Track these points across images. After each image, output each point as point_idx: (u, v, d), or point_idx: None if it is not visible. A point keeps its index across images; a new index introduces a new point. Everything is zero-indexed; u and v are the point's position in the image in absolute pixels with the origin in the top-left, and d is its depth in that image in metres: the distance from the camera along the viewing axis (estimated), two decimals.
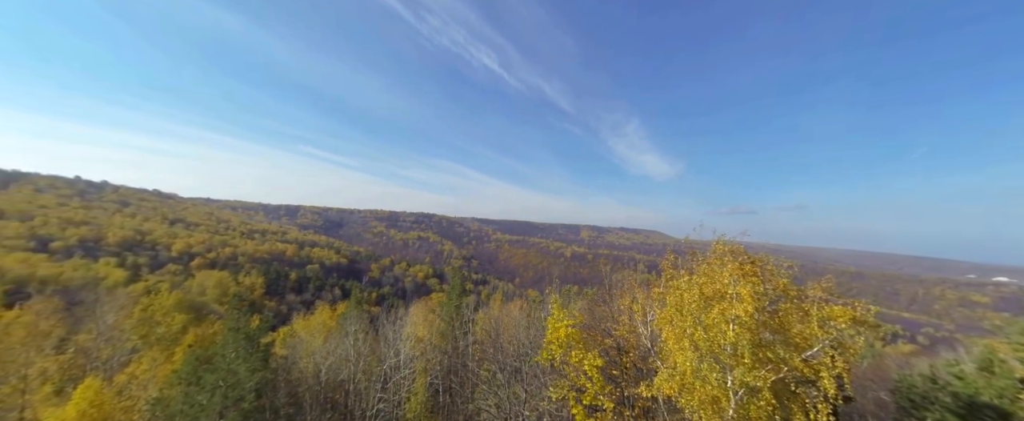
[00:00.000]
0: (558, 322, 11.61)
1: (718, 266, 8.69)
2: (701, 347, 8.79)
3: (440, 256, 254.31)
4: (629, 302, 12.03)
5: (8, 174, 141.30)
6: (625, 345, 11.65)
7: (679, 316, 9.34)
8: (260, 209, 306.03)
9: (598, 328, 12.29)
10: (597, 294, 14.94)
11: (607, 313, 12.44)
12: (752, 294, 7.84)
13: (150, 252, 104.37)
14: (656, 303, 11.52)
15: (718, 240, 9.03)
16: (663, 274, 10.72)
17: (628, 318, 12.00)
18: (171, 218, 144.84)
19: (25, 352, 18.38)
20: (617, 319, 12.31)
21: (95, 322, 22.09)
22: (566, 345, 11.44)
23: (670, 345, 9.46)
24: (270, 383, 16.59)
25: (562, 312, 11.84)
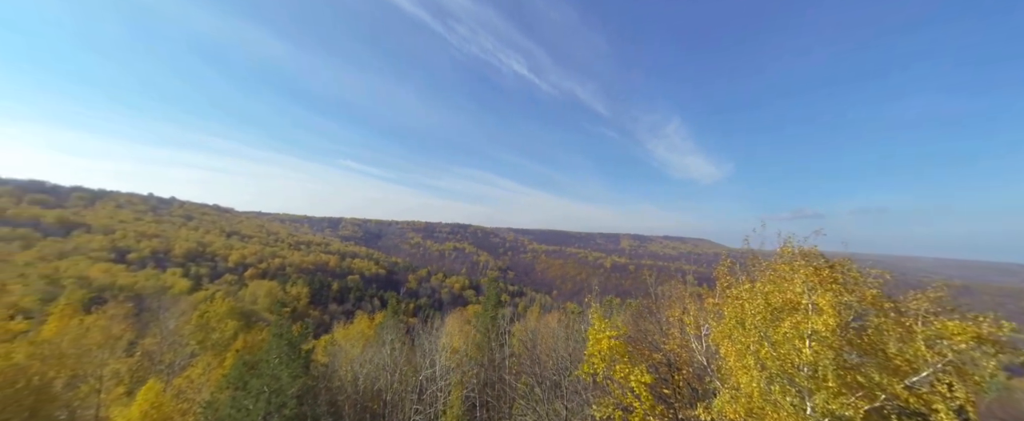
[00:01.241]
0: (600, 333, 10.92)
1: (787, 272, 7.67)
2: (769, 366, 7.77)
3: (476, 267, 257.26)
4: (679, 314, 11.07)
5: (95, 193, 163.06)
6: (676, 361, 10.68)
7: (740, 330, 8.37)
8: (305, 221, 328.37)
9: (645, 341, 11.40)
10: (642, 305, 14.00)
11: (654, 326, 11.53)
12: (833, 305, 6.78)
13: (210, 263, 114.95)
14: (711, 315, 10.50)
15: (786, 243, 8.00)
16: (718, 283, 9.75)
17: (679, 331, 11.03)
18: (228, 231, 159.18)
19: (100, 354, 20.45)
20: (666, 332, 11.37)
21: (159, 327, 24.26)
22: (609, 358, 10.70)
23: (731, 363, 8.48)
24: (311, 390, 17.19)
25: (604, 323, 11.14)
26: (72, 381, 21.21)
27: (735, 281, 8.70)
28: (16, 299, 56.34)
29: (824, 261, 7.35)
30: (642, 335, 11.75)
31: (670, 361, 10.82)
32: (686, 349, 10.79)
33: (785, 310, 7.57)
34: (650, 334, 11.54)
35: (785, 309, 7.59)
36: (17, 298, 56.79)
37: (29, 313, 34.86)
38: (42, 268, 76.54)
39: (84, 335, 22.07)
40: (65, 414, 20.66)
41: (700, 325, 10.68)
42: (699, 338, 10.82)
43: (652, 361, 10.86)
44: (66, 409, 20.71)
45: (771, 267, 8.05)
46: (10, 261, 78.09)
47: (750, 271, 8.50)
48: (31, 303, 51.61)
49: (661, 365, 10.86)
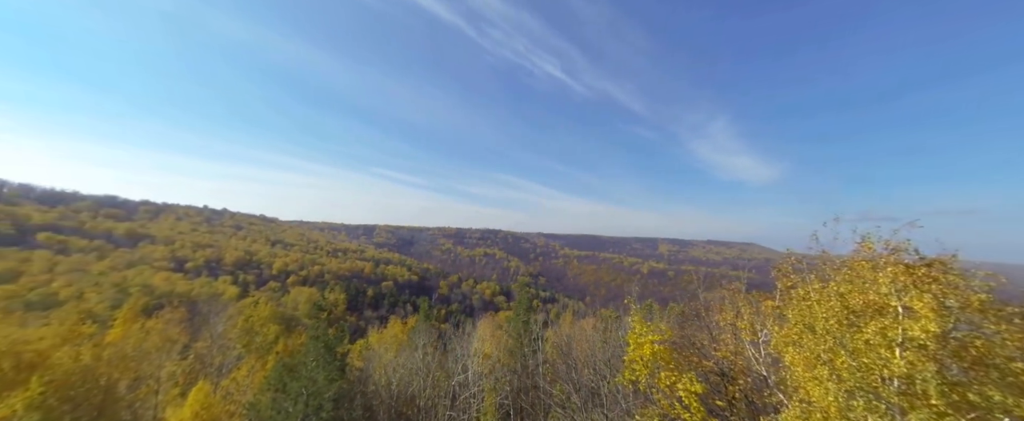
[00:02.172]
0: (641, 337, 10.21)
1: (868, 271, 6.68)
2: (847, 378, 6.78)
3: (507, 273, 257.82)
4: (732, 317, 10.10)
5: (159, 206, 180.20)
6: (731, 370, 9.72)
7: (810, 335, 7.41)
8: (342, 229, 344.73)
9: (692, 348, 10.51)
10: (687, 309, 13.02)
11: (703, 331, 10.60)
12: (934, 309, 5.76)
13: (256, 271, 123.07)
14: (770, 319, 9.47)
15: (864, 239, 6.98)
16: (778, 283, 8.77)
17: (732, 337, 10.05)
18: (273, 240, 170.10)
19: (158, 357, 22.04)
20: (717, 338, 10.41)
21: (209, 331, 25.88)
22: (652, 365, 9.96)
23: (798, 373, 7.54)
24: (347, 393, 17.55)
25: (645, 326, 10.40)
26: (134, 382, 23.08)
27: (801, 280, 7.74)
28: (91, 306, 63.04)
29: (918, 257, 6.30)
30: (689, 341, 10.85)
31: (723, 370, 9.88)
32: (741, 357, 9.80)
33: (867, 313, 6.58)
34: (698, 340, 10.62)
35: (867, 312, 6.60)
36: (92, 305, 63.57)
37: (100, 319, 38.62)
38: (113, 277, 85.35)
39: (144, 339, 24.01)
40: (128, 414, 22.46)
41: (757, 330, 9.67)
42: (756, 345, 9.80)
43: (702, 369, 9.97)
44: (129, 409, 22.50)
45: (848, 265, 7.06)
46: (87, 271, 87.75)
47: (820, 270, 7.52)
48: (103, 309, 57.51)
49: (712, 374, 9.93)
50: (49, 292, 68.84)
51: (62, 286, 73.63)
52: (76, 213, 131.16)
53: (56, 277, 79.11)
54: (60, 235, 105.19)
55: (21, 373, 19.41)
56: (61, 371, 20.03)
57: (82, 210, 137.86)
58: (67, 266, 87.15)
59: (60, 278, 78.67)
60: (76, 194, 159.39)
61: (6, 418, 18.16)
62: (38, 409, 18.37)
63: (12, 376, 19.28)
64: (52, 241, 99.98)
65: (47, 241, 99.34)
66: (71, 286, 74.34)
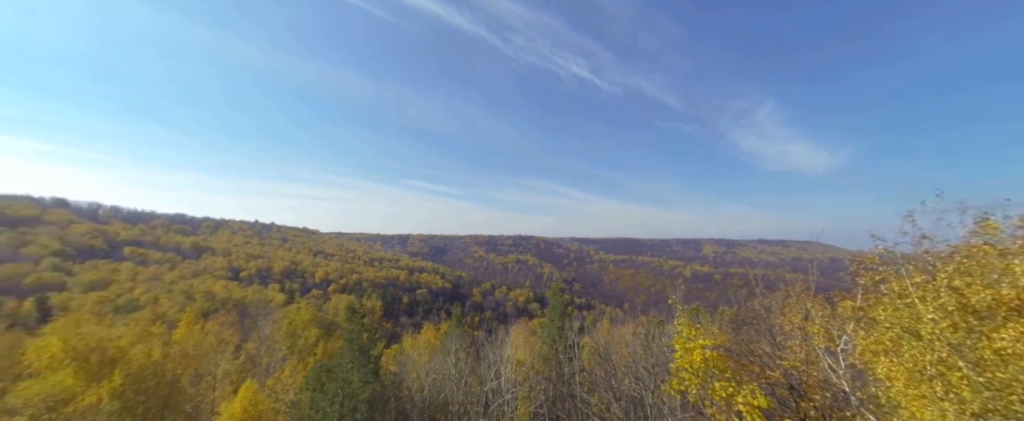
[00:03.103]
0: (690, 342, 9.08)
1: (995, 257, 5.34)
2: (971, 398, 5.41)
3: (540, 279, 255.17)
4: (799, 320, 8.71)
5: (217, 222, 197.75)
6: (802, 383, 8.33)
7: (912, 342, 6.08)
8: (378, 239, 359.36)
9: (752, 355, 9.19)
10: (744, 311, 11.60)
11: (764, 336, 9.25)
12: None
13: (301, 279, 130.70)
14: (851, 322, 8.05)
15: (984, 219, 5.62)
16: (859, 279, 7.42)
17: (801, 343, 8.66)
18: (315, 251, 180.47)
19: (215, 356, 23.38)
20: (781, 344, 9.03)
21: (258, 333, 27.24)
22: (704, 373, 8.80)
23: (898, 388, 6.19)
24: (381, 396, 17.56)
25: (694, 329, 9.27)
26: (195, 378, 24.75)
27: (893, 273, 6.41)
28: (164, 310, 69.59)
29: None
30: (747, 348, 9.53)
31: (792, 383, 8.50)
32: (815, 368, 8.39)
33: (997, 314, 5.23)
34: (759, 346, 9.28)
35: (996, 312, 5.25)
36: (164, 309, 70.18)
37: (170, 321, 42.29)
38: (182, 285, 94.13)
39: (203, 339, 25.78)
40: (190, 407, 24.03)
41: (834, 336, 8.24)
42: (834, 354, 8.35)
43: (766, 380, 8.64)
44: (191, 403, 24.10)
45: (963, 253, 5.71)
46: (161, 279, 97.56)
47: (920, 261, 6.18)
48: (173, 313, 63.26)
49: (779, 387, 8.58)
50: (132, 298, 77.00)
51: (142, 292, 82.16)
52: (153, 229, 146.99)
53: (137, 285, 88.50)
54: (141, 249, 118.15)
55: (105, 367, 21.39)
56: (136, 366, 21.90)
57: (157, 227, 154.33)
58: (146, 275, 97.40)
59: (140, 285, 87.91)
60: (153, 213, 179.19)
61: (93, 405, 20.06)
62: (119, 399, 20.09)
63: (98, 369, 21.29)
64: (135, 254, 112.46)
65: (131, 254, 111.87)
66: (149, 292, 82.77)
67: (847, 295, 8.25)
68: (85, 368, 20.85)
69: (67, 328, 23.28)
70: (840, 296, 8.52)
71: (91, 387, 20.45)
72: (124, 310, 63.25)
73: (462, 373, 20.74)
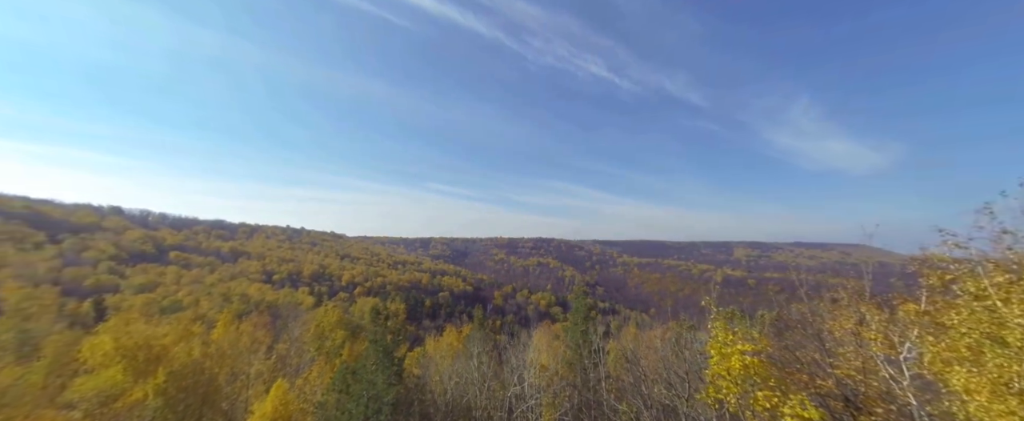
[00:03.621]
0: (727, 347, 8.51)
1: None
2: None
3: (561, 283, 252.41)
4: (853, 325, 7.95)
5: (252, 227, 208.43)
6: (859, 395, 7.58)
7: (995, 350, 5.38)
8: (401, 242, 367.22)
9: (799, 362, 8.49)
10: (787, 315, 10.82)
11: (812, 342, 8.51)
12: None
13: (328, 282, 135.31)
14: (915, 328, 7.27)
15: None
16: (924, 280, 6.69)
17: (856, 351, 7.90)
18: (341, 254, 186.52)
19: (248, 356, 24.36)
20: (832, 351, 8.28)
21: (288, 335, 28.21)
22: (744, 381, 8.20)
23: (980, 403, 5.48)
24: (405, 399, 17.68)
25: (731, 334, 8.69)
26: (230, 377, 25.91)
27: (970, 273, 5.70)
28: (204, 311, 73.75)
29: None
30: (792, 354, 8.82)
31: (847, 393, 7.76)
32: (874, 377, 7.62)
33: None
34: (806, 353, 8.56)
35: None
36: (205, 310, 74.37)
37: (208, 321, 44.67)
38: (220, 287, 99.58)
39: (238, 339, 26.99)
40: (226, 405, 25.16)
41: (895, 343, 7.46)
42: (896, 363, 7.56)
43: (816, 391, 7.95)
44: (227, 401, 25.24)
45: None
46: (202, 282, 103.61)
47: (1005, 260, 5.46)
48: (213, 314, 66.94)
49: (832, 398, 7.85)
50: (176, 300, 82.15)
51: (185, 295, 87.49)
52: (195, 235, 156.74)
53: (181, 287, 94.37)
54: (185, 253, 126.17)
55: (151, 364, 22.73)
56: (178, 363, 23.17)
57: (199, 232, 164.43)
58: (189, 278, 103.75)
59: (184, 288, 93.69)
60: (195, 219, 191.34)
61: (139, 401, 21.36)
62: (162, 395, 21.29)
63: (144, 366, 22.65)
64: (180, 258, 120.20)
65: (176, 258, 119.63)
66: (191, 295, 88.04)
67: (908, 298, 7.47)
68: (133, 365, 22.22)
69: (118, 327, 24.99)
70: (900, 299, 7.73)
71: (138, 383, 21.77)
72: (169, 311, 67.50)
73: (485, 377, 20.59)
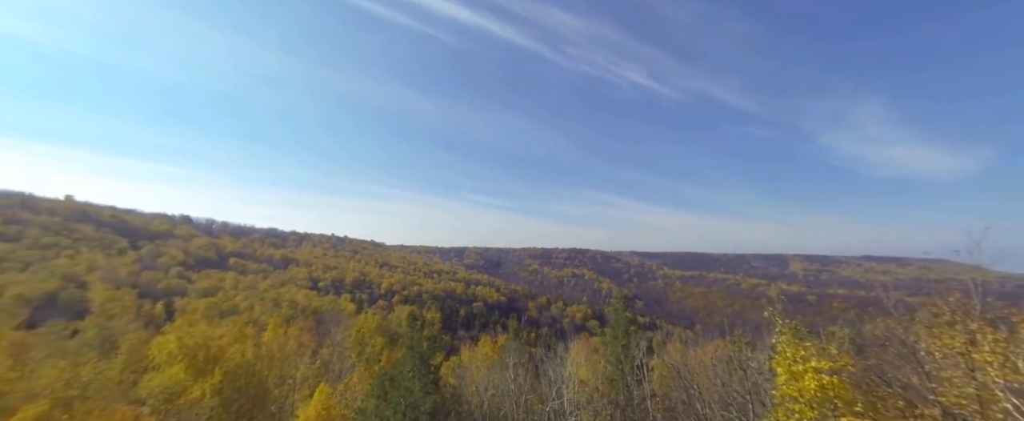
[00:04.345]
0: (798, 364, 7.57)
1: None
2: None
3: (598, 295, 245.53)
4: (962, 344, 6.74)
5: (301, 235, 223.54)
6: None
7: None
8: (436, 251, 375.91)
9: (885, 384, 7.33)
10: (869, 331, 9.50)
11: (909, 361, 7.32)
12: None
13: (368, 290, 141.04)
14: None
15: None
16: None
17: (966, 375, 6.66)
18: (381, 263, 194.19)
19: (295, 359, 25.63)
20: (935, 374, 7.05)
21: (331, 340, 29.43)
22: (822, 404, 7.23)
23: None
24: (441, 408, 17.64)
25: (802, 349, 7.73)
26: (279, 380, 27.39)
27: None
28: (257, 315, 79.44)
29: None
30: (881, 375, 7.64)
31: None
32: (992, 409, 6.37)
33: None
34: (900, 374, 7.37)
35: None
36: (257, 314, 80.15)
37: (261, 325, 47.97)
38: (272, 293, 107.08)
39: (286, 343, 28.57)
40: (274, 407, 26.55)
41: (1021, 368, 6.21)
42: (1020, 392, 6.28)
43: (916, 419, 6.79)
44: (275, 404, 26.64)
45: None
46: (256, 287, 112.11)
47: None
48: (265, 319, 71.97)
49: None
50: (234, 304, 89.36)
51: (241, 299, 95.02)
52: (251, 242, 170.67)
53: (239, 292, 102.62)
54: (242, 260, 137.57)
55: (208, 364, 24.56)
56: (232, 364, 24.84)
57: (255, 240, 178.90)
58: (245, 284, 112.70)
59: (240, 293, 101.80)
60: (252, 227, 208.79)
61: (198, 400, 23.10)
62: (218, 394, 22.87)
63: (203, 365, 24.50)
64: (238, 264, 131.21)
65: (235, 264, 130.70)
66: (246, 300, 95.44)
67: None
68: (193, 364, 24.10)
69: (181, 328, 27.39)
70: (1021, 317, 6.46)
71: (197, 382, 23.52)
72: (227, 314, 73.48)
73: (521, 389, 20.13)
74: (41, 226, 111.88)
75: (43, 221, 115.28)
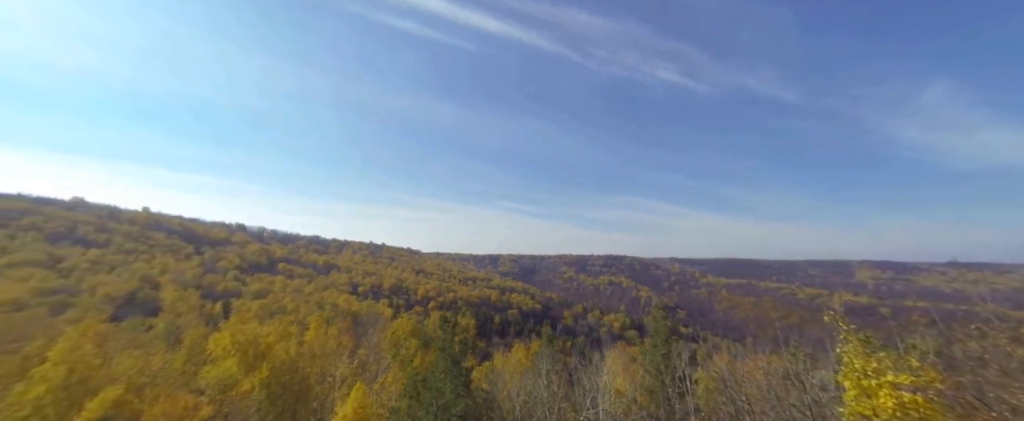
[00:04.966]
0: (871, 378, 6.69)
1: None
2: None
3: (636, 303, 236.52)
4: None
5: (342, 242, 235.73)
6: None
7: None
8: (470, 259, 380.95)
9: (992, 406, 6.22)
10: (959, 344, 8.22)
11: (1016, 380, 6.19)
12: None
13: (405, 296, 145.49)
14: None
15: None
16: None
17: None
18: (416, 269, 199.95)
19: (334, 359, 26.80)
20: None
21: (367, 341, 30.52)
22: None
23: None
24: (473, 412, 17.58)
25: (875, 361, 6.81)
26: (319, 377, 28.79)
27: None
28: (302, 316, 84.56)
29: None
30: (979, 393, 6.52)
31: None
32: None
33: None
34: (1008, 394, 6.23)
35: None
36: (302, 315, 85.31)
37: (303, 324, 50.84)
38: (316, 296, 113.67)
39: (326, 342, 30.04)
40: (316, 404, 27.88)
41: None
42: None
43: None
44: (317, 400, 27.98)
45: None
46: (302, 291, 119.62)
47: None
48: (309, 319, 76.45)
49: None
50: (282, 306, 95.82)
51: (289, 301, 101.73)
52: (297, 249, 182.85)
53: (286, 295, 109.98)
54: (289, 265, 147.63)
55: (257, 359, 26.34)
56: (278, 360, 26.52)
57: (301, 246, 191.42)
58: (292, 287, 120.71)
59: (288, 296, 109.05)
60: (297, 235, 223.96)
61: (248, 392, 24.80)
62: (266, 388, 24.43)
63: (252, 360, 26.31)
64: (285, 269, 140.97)
65: (283, 269, 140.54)
66: (293, 302, 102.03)
67: None
68: (244, 359, 25.94)
69: (234, 325, 29.63)
70: None
71: (248, 376, 25.29)
72: (276, 315, 78.84)
73: (555, 397, 19.60)
74: (123, 234, 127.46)
75: (125, 230, 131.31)
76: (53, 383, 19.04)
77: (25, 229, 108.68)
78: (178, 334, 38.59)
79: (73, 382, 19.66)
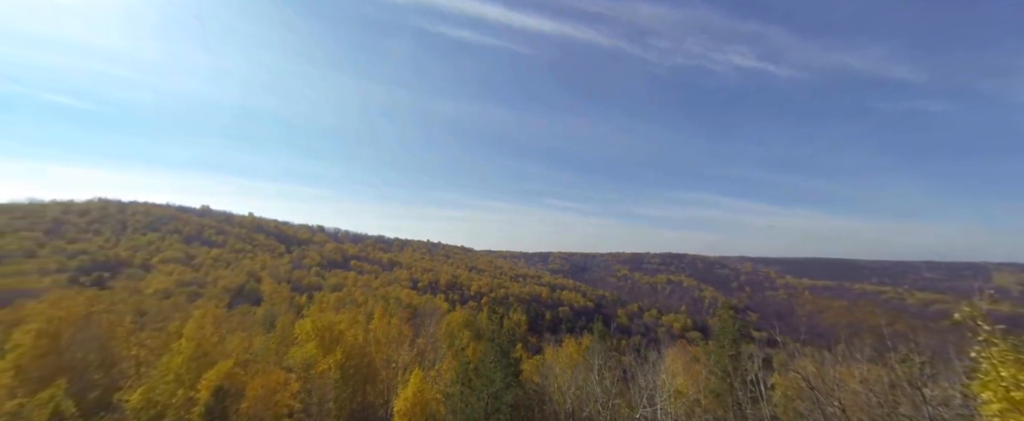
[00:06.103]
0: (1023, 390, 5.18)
1: None
2: None
3: (698, 304, 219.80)
4: None
5: (404, 241, 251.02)
6: None
7: None
8: (521, 257, 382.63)
9: None
10: None
11: None
12: None
13: (459, 291, 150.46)
14: None
15: None
16: None
17: None
18: (469, 266, 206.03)
19: (396, 347, 28.34)
20: None
21: (425, 332, 31.85)
22: None
23: None
24: (523, 403, 17.41)
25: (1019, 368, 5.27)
26: (384, 363, 30.72)
27: None
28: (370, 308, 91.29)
29: None
30: None
31: None
32: None
33: None
34: None
35: None
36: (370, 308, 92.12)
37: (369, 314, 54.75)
38: (381, 291, 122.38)
39: (388, 330, 31.99)
40: (383, 386, 29.80)
41: None
42: None
43: None
44: (383, 383, 29.89)
45: None
46: (370, 286, 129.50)
47: None
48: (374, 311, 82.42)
49: None
50: (353, 298, 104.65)
51: (359, 295, 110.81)
52: (366, 248, 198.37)
53: (357, 289, 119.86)
54: (359, 262, 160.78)
55: (333, 343, 28.84)
56: (348, 344, 28.83)
57: (369, 246, 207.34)
58: (362, 282, 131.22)
59: (359, 289, 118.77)
60: (366, 235, 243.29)
61: (326, 372, 27.25)
62: (340, 369, 26.69)
63: (329, 344, 28.81)
64: (356, 266, 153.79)
65: (355, 266, 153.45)
66: (363, 295, 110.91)
67: None
68: (322, 343, 28.54)
69: (315, 313, 32.66)
70: None
71: (325, 358, 27.80)
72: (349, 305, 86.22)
73: (608, 393, 18.66)
74: (235, 235, 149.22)
75: (236, 231, 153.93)
76: (186, 355, 23.15)
77: (170, 232, 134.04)
78: (273, 320, 43.75)
79: (199, 355, 23.57)
